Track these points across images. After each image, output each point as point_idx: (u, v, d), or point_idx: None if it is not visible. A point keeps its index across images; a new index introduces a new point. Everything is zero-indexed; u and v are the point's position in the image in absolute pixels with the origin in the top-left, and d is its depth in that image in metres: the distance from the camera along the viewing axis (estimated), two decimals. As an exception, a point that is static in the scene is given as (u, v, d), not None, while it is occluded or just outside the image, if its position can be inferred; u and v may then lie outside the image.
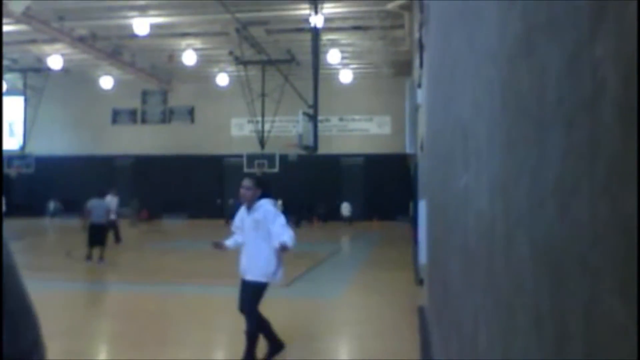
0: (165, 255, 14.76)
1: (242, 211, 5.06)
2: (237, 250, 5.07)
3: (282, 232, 4.76)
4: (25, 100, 31.60)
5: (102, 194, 13.43)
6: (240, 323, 4.88)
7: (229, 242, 5.16)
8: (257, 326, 4.80)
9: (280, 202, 28.11)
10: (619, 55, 0.67)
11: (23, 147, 31.33)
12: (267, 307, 5.04)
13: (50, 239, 20.86)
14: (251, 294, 4.81)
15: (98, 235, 12.30)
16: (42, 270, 10.53)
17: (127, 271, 11.89)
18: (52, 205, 30.31)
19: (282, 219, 4.85)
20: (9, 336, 0.70)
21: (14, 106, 32.14)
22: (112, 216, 15.49)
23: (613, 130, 0.68)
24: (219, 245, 5.17)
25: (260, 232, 4.82)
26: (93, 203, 12.60)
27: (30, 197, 31.31)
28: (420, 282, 8.81)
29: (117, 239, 16.15)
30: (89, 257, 12.29)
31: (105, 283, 10.74)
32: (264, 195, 5.00)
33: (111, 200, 15.44)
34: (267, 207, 4.90)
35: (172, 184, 30.96)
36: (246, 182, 4.99)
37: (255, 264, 4.82)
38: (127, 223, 22.18)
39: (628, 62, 0.64)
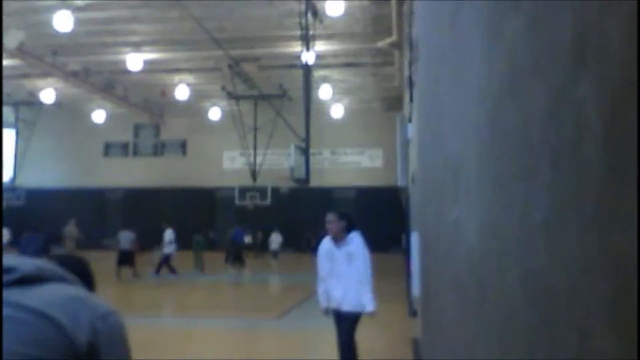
0: (160, 288, 14.55)
1: (327, 245, 5.06)
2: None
3: (366, 281, 4.88)
4: (17, 133, 31.57)
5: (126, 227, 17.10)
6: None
7: (323, 302, 5.13)
8: (354, 354, 4.95)
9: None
10: (600, 97, 0.70)
11: (14, 180, 31.13)
12: (260, 340, 4.99)
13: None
14: (349, 325, 4.90)
15: (124, 258, 16.05)
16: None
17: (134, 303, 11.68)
18: (6, 234, 24.44)
19: (368, 259, 4.96)
20: None
21: (5, 139, 32.09)
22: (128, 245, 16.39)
23: (597, 168, 0.71)
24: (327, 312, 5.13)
25: (353, 264, 4.89)
26: (120, 234, 16.54)
27: (20, 230, 30.90)
28: (413, 313, 8.72)
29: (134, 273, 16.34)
30: (118, 275, 15.60)
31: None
32: (351, 226, 5.02)
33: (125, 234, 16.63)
34: (359, 240, 4.98)
35: (162, 216, 30.74)
36: (330, 217, 4.98)
37: (351, 295, 4.90)
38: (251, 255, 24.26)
39: (608, 103, 0.67)
